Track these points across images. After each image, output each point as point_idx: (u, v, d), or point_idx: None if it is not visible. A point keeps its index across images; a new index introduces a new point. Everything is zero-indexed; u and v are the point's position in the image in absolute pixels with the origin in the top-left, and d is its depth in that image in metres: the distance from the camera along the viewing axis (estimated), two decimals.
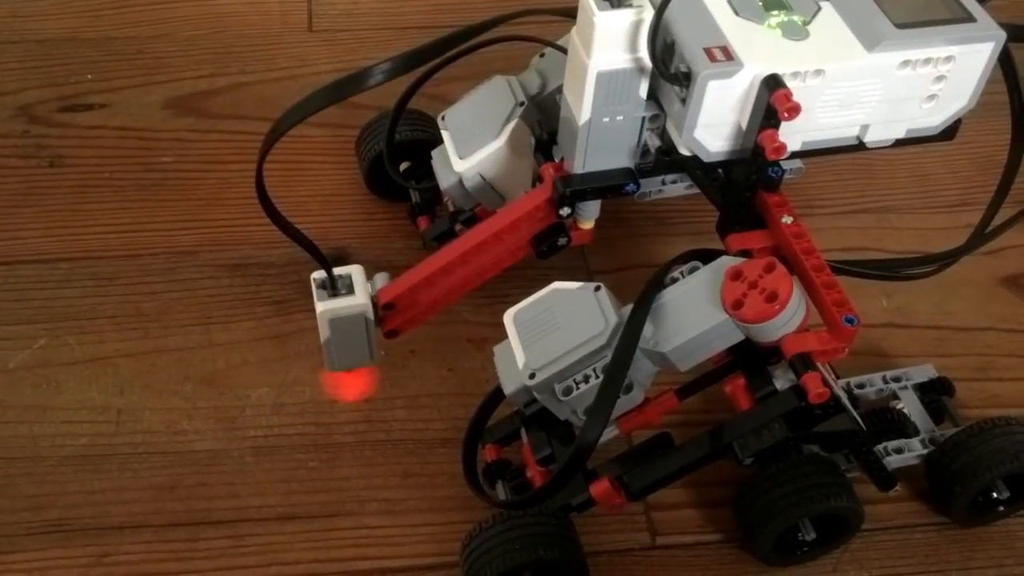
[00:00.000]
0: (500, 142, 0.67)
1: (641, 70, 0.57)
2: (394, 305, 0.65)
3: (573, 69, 0.59)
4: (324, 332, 0.63)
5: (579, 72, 0.57)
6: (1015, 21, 0.57)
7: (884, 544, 0.65)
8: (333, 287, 0.63)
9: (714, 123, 0.55)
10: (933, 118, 0.58)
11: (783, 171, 0.59)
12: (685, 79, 0.54)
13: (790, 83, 0.53)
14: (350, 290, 0.63)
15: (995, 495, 0.64)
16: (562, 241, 0.67)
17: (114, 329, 0.73)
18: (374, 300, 0.64)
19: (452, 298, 0.68)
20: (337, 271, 0.63)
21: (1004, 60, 0.57)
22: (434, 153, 0.73)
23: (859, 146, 0.59)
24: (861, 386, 0.68)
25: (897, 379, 0.68)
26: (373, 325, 0.64)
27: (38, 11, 0.96)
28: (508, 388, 0.59)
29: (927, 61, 0.55)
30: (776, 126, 0.54)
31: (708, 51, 0.53)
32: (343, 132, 0.85)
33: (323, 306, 0.62)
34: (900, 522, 0.66)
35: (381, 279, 0.65)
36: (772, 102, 0.53)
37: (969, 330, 0.76)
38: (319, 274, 0.63)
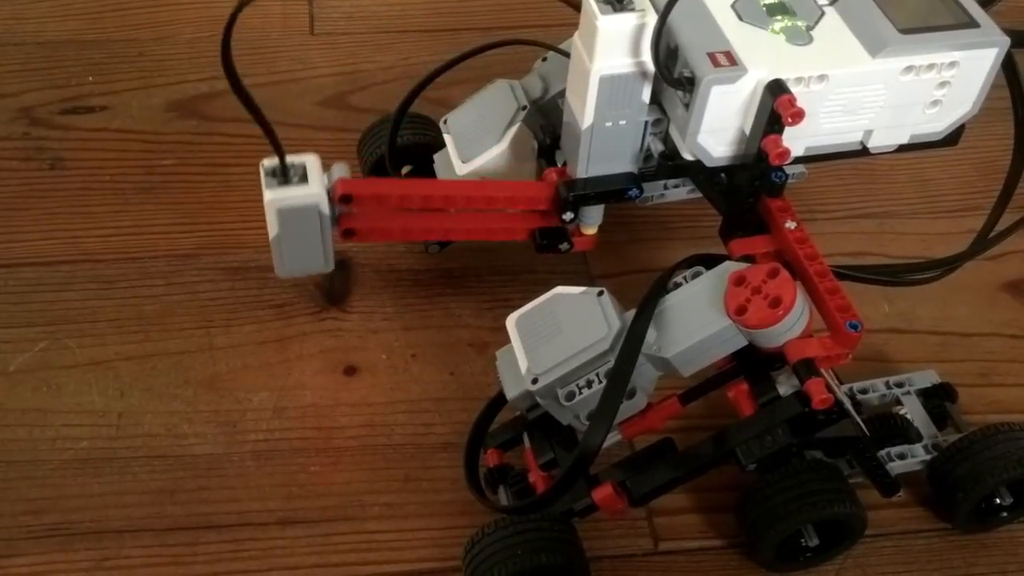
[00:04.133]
0: (502, 146, 0.67)
1: (644, 74, 0.57)
2: (352, 198, 0.59)
3: (576, 73, 0.58)
4: (273, 227, 0.57)
5: (582, 76, 0.57)
6: (1018, 27, 0.57)
7: (887, 550, 0.65)
8: (284, 175, 0.56)
9: (717, 128, 0.55)
10: (937, 124, 0.58)
11: (786, 176, 0.59)
12: (688, 84, 0.54)
13: (794, 88, 0.53)
14: (303, 179, 0.57)
15: (998, 501, 0.64)
16: (564, 247, 0.67)
17: (115, 332, 0.73)
18: (330, 192, 0.58)
19: (429, 235, 0.64)
20: (290, 159, 0.56)
21: (1008, 66, 0.57)
22: (436, 157, 0.72)
23: (863, 151, 0.59)
24: (864, 391, 0.68)
25: (900, 384, 0.68)
26: (328, 221, 0.58)
27: (39, 13, 0.96)
28: (510, 393, 0.59)
29: (931, 67, 0.55)
30: (780, 131, 0.54)
31: (712, 56, 0.53)
32: (345, 136, 0.85)
33: (272, 195, 0.56)
34: (903, 528, 0.66)
35: (339, 170, 0.59)
36: (776, 107, 0.53)
37: (971, 335, 0.76)
38: (270, 161, 0.57)
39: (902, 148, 0.60)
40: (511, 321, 0.60)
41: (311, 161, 0.57)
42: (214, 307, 0.75)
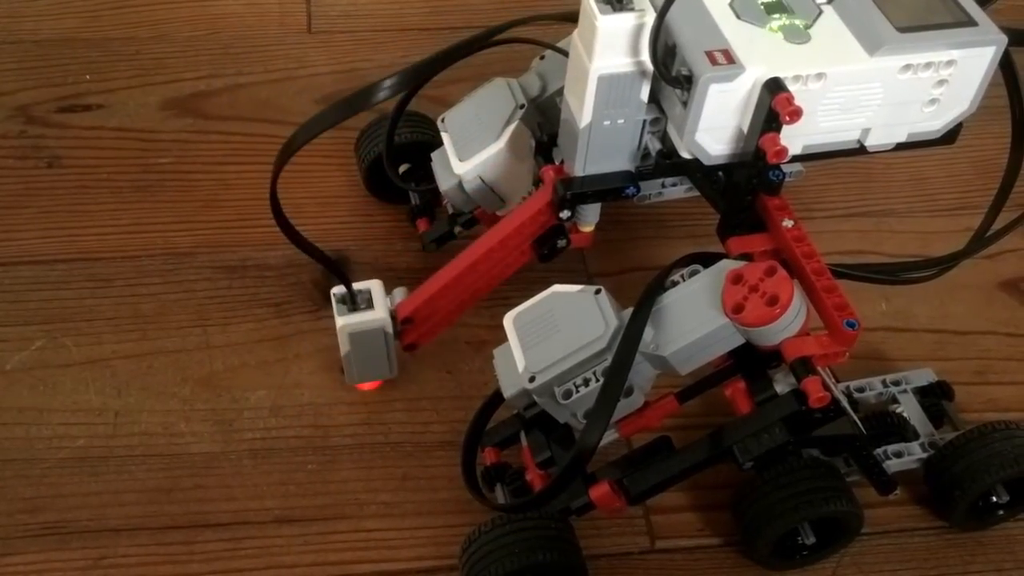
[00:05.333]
0: (500, 144, 0.67)
1: (642, 73, 0.57)
2: (412, 319, 0.66)
3: (574, 72, 0.58)
4: (344, 346, 0.65)
5: (580, 75, 0.57)
6: (1016, 25, 0.57)
7: (883, 548, 0.65)
8: (353, 302, 0.64)
9: (715, 126, 0.55)
10: (934, 122, 0.58)
11: (784, 175, 0.59)
12: (686, 82, 0.54)
13: (792, 87, 0.53)
14: (369, 304, 0.64)
15: (995, 499, 0.64)
16: (561, 243, 0.67)
17: (111, 331, 0.73)
18: (393, 314, 0.65)
19: (465, 307, 0.68)
20: (356, 286, 0.64)
21: (1005, 65, 0.57)
22: (434, 155, 0.72)
23: (860, 150, 0.59)
24: (860, 390, 0.68)
25: (896, 383, 0.68)
26: (392, 339, 0.65)
27: (36, 11, 0.95)
28: (508, 391, 0.59)
29: (928, 65, 0.55)
30: (777, 130, 0.54)
31: (709, 54, 0.53)
32: (342, 134, 0.85)
33: (343, 320, 0.63)
34: (899, 526, 0.66)
35: (400, 294, 0.66)
36: (773, 106, 0.53)
37: (968, 334, 0.76)
38: (339, 289, 0.64)
39: (900, 147, 0.60)
40: (508, 319, 0.60)
41: (375, 287, 0.65)
42: (211, 305, 0.74)
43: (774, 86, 0.53)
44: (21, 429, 0.67)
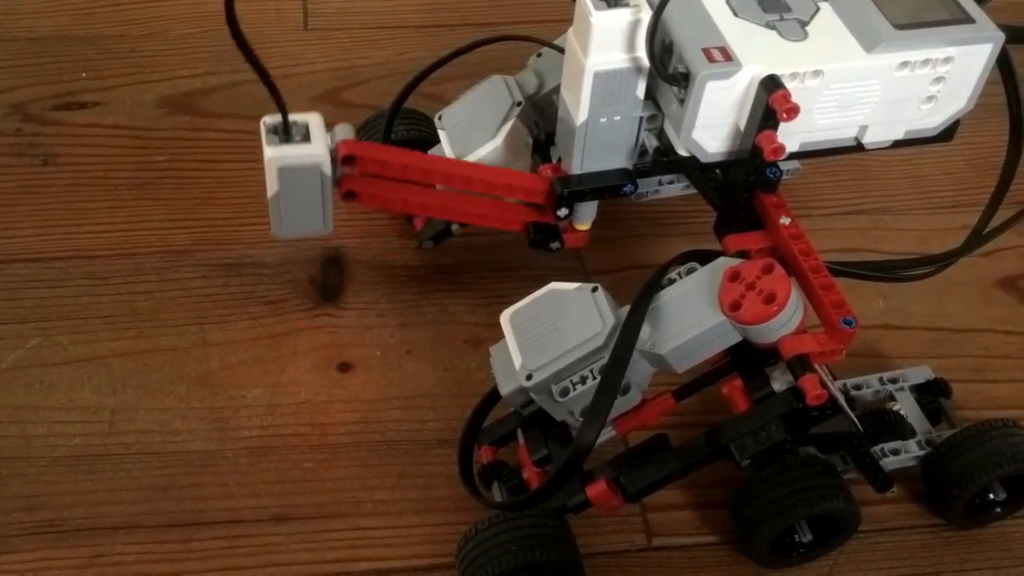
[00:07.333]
0: (497, 142, 0.67)
1: (639, 70, 0.57)
2: (355, 160, 0.57)
3: (570, 69, 0.58)
4: (272, 185, 0.55)
5: (576, 72, 0.57)
6: (1013, 23, 0.57)
7: (881, 546, 0.65)
8: (287, 133, 0.54)
9: (712, 124, 0.55)
10: (931, 119, 0.58)
11: (781, 172, 0.59)
12: (683, 79, 0.54)
13: (788, 84, 0.53)
14: (306, 138, 0.55)
15: (992, 497, 0.64)
16: (554, 245, 0.67)
17: (108, 329, 0.72)
18: (333, 153, 0.56)
19: (425, 210, 0.64)
20: (293, 117, 0.55)
21: (1002, 62, 0.57)
22: (431, 153, 0.72)
23: (857, 147, 0.59)
24: (858, 387, 0.68)
25: (894, 380, 0.68)
26: (330, 183, 0.56)
27: (31, 9, 0.95)
28: (505, 389, 0.59)
29: (926, 62, 0.55)
30: (774, 127, 0.54)
31: (706, 51, 0.53)
32: None
33: (273, 152, 0.54)
34: (897, 524, 0.66)
35: (343, 131, 0.57)
36: (771, 103, 0.53)
37: (966, 331, 0.76)
38: (271, 118, 0.55)
39: (897, 144, 0.60)
40: (505, 317, 0.60)
41: (314, 120, 0.55)
42: (208, 303, 0.74)
43: (771, 83, 0.53)
44: (17, 427, 0.67)
